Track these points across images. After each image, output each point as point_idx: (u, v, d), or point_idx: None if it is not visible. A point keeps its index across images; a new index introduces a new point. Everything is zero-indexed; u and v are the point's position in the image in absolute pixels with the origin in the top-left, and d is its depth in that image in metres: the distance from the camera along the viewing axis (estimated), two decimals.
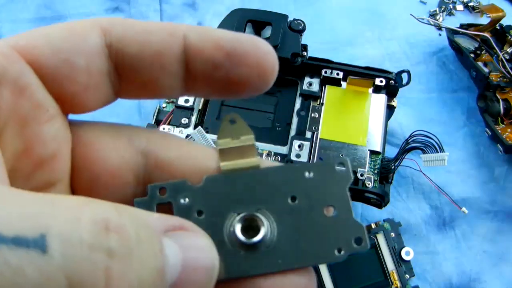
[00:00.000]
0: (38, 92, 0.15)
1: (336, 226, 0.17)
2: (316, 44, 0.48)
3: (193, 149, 0.17)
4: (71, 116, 0.17)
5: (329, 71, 0.45)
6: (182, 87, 0.17)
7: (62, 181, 0.16)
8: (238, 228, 0.16)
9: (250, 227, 0.16)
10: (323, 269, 0.44)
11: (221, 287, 0.15)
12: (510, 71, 0.50)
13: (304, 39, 0.46)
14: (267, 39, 0.45)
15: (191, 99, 0.46)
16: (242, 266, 0.16)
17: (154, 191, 0.16)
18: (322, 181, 0.17)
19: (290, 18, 0.46)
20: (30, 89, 0.15)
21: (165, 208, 0.16)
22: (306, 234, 0.16)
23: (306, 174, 0.17)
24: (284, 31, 0.45)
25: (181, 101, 0.46)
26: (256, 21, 0.46)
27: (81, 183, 0.17)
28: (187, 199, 0.16)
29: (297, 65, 0.45)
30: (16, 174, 0.15)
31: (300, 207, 0.17)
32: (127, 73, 0.16)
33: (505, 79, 0.51)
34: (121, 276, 0.11)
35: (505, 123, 0.51)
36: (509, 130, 0.50)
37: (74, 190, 0.17)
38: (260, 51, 0.16)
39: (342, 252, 0.16)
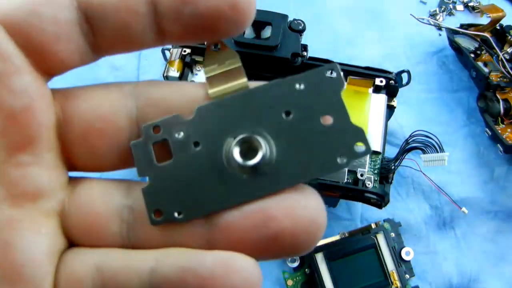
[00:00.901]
0: (2, 44, 0.15)
1: (335, 134, 0.16)
2: (316, 44, 0.48)
3: (180, 84, 0.17)
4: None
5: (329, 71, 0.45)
6: (155, 32, 0.16)
7: (42, 137, 0.16)
8: (236, 152, 0.16)
9: (249, 150, 0.16)
10: (323, 269, 0.44)
11: (226, 215, 0.15)
12: (510, 71, 0.50)
13: (304, 39, 0.46)
14: (267, 39, 0.45)
15: None
16: (247, 190, 0.16)
17: (148, 130, 0.16)
18: (314, 90, 0.16)
19: (290, 18, 0.46)
20: None
21: (162, 145, 0.16)
22: (306, 147, 0.16)
23: (297, 86, 0.16)
24: (284, 31, 0.45)
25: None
26: (256, 21, 0.46)
27: (74, 134, 0.16)
28: (181, 133, 0.16)
29: (297, 65, 0.45)
30: None
31: (296, 121, 0.16)
32: (98, 23, 0.16)
33: (505, 79, 0.51)
34: None
35: (505, 123, 0.51)
36: (509, 130, 0.50)
37: (67, 143, 0.17)
38: None
39: (345, 160, 0.16)
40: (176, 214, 0.16)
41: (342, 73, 0.17)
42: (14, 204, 0.16)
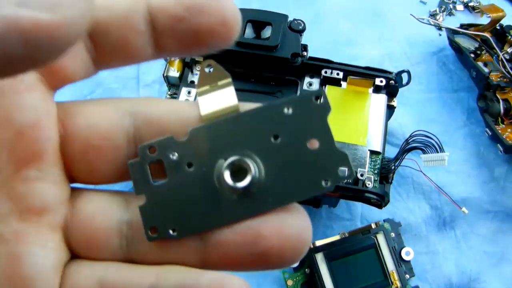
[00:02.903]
0: None
1: (320, 158, 0.17)
2: (316, 44, 0.48)
3: (176, 104, 0.18)
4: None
5: (329, 71, 0.45)
6: (153, 47, 0.17)
7: (48, 152, 0.16)
8: (227, 174, 0.17)
9: (239, 171, 0.17)
10: (323, 269, 0.44)
11: (218, 233, 0.16)
12: (510, 71, 0.50)
13: (304, 39, 0.46)
14: (267, 39, 0.45)
15: (192, 95, 0.46)
16: (237, 211, 0.16)
17: (144, 151, 0.17)
18: (301, 115, 0.17)
19: (290, 18, 0.46)
20: None
21: (158, 164, 0.17)
22: (293, 170, 0.17)
23: (285, 110, 0.17)
24: (284, 31, 0.45)
25: (182, 96, 0.45)
26: (256, 21, 0.46)
27: (74, 151, 0.17)
28: (176, 154, 0.17)
29: (297, 65, 0.45)
30: None
31: (284, 144, 0.17)
32: (101, 39, 0.17)
33: (505, 79, 0.51)
34: None
35: (505, 123, 0.51)
36: (509, 130, 0.50)
37: (67, 159, 0.17)
38: (219, 2, 0.17)
39: (329, 183, 0.17)
40: (170, 232, 0.17)
41: (328, 99, 0.18)
42: (22, 218, 0.16)
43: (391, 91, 0.45)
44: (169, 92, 0.47)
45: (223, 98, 0.18)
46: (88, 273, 0.16)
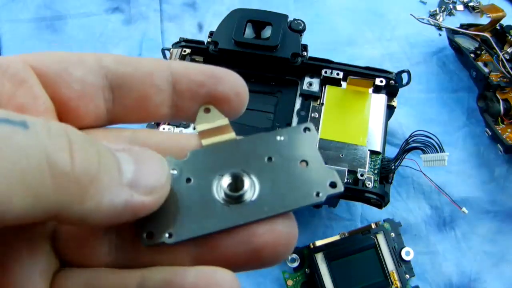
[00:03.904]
0: (36, 87, 0.17)
1: (311, 175, 0.19)
2: (316, 44, 0.48)
3: (175, 134, 0.20)
4: None
5: (329, 71, 0.45)
6: (171, 107, 0.19)
7: None
8: (225, 185, 0.18)
9: (236, 185, 0.18)
10: (323, 269, 0.44)
11: (215, 239, 0.17)
12: (510, 71, 0.50)
13: (304, 39, 0.46)
14: (267, 39, 0.45)
15: None
16: (232, 218, 0.17)
17: None
18: (292, 142, 0.19)
19: (290, 18, 0.46)
20: (29, 83, 0.17)
21: None
22: (286, 184, 0.18)
23: (278, 137, 0.19)
24: (284, 31, 0.45)
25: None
26: (256, 21, 0.46)
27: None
28: (175, 171, 0.18)
29: (297, 65, 0.45)
30: None
31: (277, 164, 0.19)
32: (122, 90, 0.18)
33: (505, 79, 0.51)
34: (82, 156, 0.14)
35: (505, 123, 0.51)
36: (509, 130, 0.50)
37: None
38: (233, 75, 0.19)
39: (321, 195, 0.18)
40: (167, 236, 0.17)
41: (315, 129, 0.19)
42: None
43: (391, 91, 0.45)
44: None
45: (221, 131, 0.19)
46: (76, 280, 0.17)
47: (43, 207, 0.13)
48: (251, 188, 0.18)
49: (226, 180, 0.18)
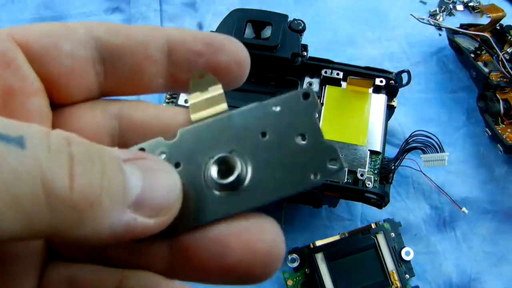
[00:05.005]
0: (24, 67, 0.16)
1: (309, 152, 0.17)
2: (316, 44, 0.48)
3: (163, 109, 0.18)
4: None
5: (329, 71, 0.45)
6: (166, 79, 0.18)
7: None
8: (214, 171, 0.17)
9: (227, 169, 0.17)
10: (323, 269, 0.44)
11: (189, 248, 0.16)
12: (510, 71, 0.50)
13: (304, 39, 0.46)
14: (267, 39, 0.45)
15: None
16: (223, 207, 0.16)
17: None
18: (289, 113, 0.17)
19: (290, 18, 0.46)
20: (16, 63, 0.16)
21: None
22: (281, 165, 0.17)
23: (273, 108, 0.17)
24: (284, 31, 0.45)
25: (181, 101, 0.46)
26: (256, 21, 0.46)
27: None
28: (163, 155, 0.17)
29: (297, 65, 0.45)
30: None
31: (272, 141, 0.17)
32: (114, 62, 0.17)
33: (505, 79, 0.51)
34: (82, 177, 0.13)
35: (505, 123, 0.51)
36: (509, 130, 0.50)
37: None
38: (234, 43, 0.18)
39: (319, 176, 0.16)
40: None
41: (316, 97, 0.17)
42: None
43: (391, 91, 0.45)
44: (167, 96, 0.47)
45: (213, 102, 0.18)
46: (62, 272, 0.17)
47: (37, 230, 0.12)
48: (242, 173, 0.16)
49: (214, 167, 0.17)
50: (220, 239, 0.16)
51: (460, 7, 0.62)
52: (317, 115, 0.17)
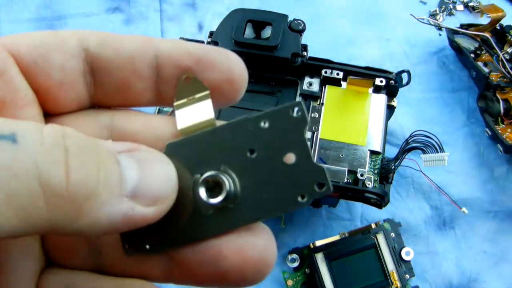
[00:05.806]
0: (16, 78, 0.16)
1: (297, 172, 0.16)
2: (316, 44, 0.48)
3: (153, 119, 0.18)
4: None
5: (329, 71, 0.45)
6: (154, 94, 0.18)
7: None
8: (202, 191, 0.16)
9: (215, 187, 0.16)
10: (323, 269, 0.44)
11: (183, 257, 0.16)
12: (510, 71, 0.50)
13: (304, 39, 0.46)
14: (267, 39, 0.45)
15: None
16: (212, 226, 0.16)
17: None
18: (278, 129, 0.17)
19: (290, 18, 0.46)
20: (9, 74, 0.16)
21: None
22: (268, 185, 0.16)
23: (262, 124, 0.17)
24: (284, 31, 0.45)
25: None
26: (256, 21, 0.46)
27: None
28: None
29: (297, 65, 0.45)
30: None
31: (260, 159, 0.17)
32: (102, 76, 0.17)
33: (505, 79, 0.51)
34: (78, 169, 0.13)
35: (505, 123, 0.51)
36: (509, 130, 0.50)
37: None
38: (228, 59, 0.17)
39: (306, 198, 0.16)
40: (147, 247, 0.17)
41: (306, 110, 0.17)
42: None
43: (391, 91, 0.45)
44: None
45: (200, 112, 0.17)
46: (58, 280, 0.17)
47: (35, 225, 0.12)
48: (231, 193, 0.16)
49: (203, 186, 0.17)
50: (213, 247, 0.16)
51: (460, 7, 0.62)
52: (306, 133, 0.17)
